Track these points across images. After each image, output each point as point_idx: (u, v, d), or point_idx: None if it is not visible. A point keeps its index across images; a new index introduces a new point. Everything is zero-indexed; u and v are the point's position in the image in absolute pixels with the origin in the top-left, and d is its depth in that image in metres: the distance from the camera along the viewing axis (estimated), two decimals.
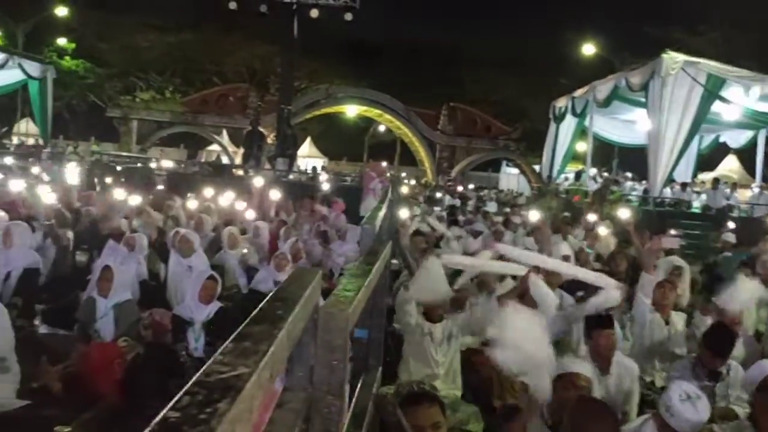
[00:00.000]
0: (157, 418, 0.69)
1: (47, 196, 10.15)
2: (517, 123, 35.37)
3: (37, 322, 6.69)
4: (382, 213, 6.78)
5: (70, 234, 8.37)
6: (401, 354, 4.88)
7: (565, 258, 7.49)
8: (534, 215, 11.03)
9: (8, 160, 17.56)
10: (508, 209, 17.17)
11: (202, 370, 0.82)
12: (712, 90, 15.29)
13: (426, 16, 52.92)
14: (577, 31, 30.82)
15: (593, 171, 22.04)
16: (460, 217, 14.19)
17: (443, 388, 4.50)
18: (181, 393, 0.74)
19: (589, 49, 28.34)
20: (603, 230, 10.47)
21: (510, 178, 38.22)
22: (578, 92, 21.30)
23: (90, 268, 7.66)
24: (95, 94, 34.52)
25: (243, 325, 0.97)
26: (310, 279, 1.20)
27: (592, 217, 12.67)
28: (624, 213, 10.62)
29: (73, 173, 13.91)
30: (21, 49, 27.56)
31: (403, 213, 9.64)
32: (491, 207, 16.38)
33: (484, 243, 9.48)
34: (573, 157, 24.22)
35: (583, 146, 23.57)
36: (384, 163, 18.17)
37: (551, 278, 5.74)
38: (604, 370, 4.42)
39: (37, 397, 4.97)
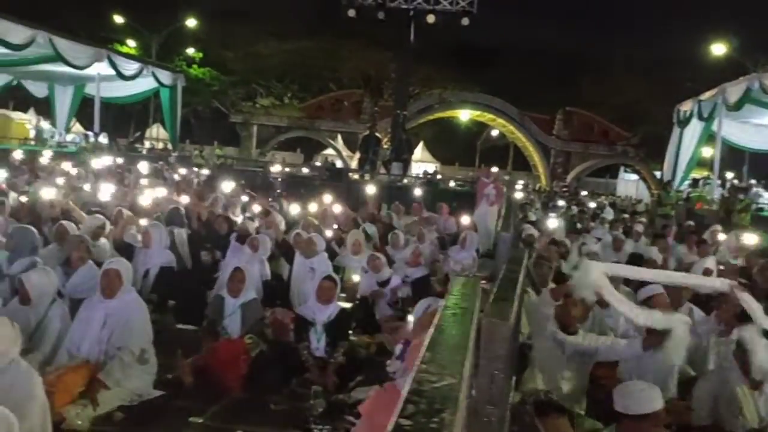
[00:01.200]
0: (390, 426, 0.72)
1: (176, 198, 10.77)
2: (637, 128, 34.08)
3: (169, 318, 7.11)
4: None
5: (185, 233, 8.77)
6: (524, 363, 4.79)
7: (708, 272, 7.14)
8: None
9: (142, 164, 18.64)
10: (626, 215, 16.60)
11: (413, 379, 0.84)
12: None
13: (541, 19, 51.89)
14: (705, 31, 29.38)
15: (730, 175, 20.85)
16: (578, 225, 13.87)
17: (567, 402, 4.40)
18: (403, 401, 0.77)
19: (718, 49, 26.82)
20: (750, 240, 10.00)
21: (628, 184, 36.88)
22: (705, 95, 20.25)
23: (216, 267, 8.05)
24: (219, 100, 36.18)
25: (431, 335, 0.99)
26: (474, 288, 1.22)
27: (718, 227, 12.06)
28: None
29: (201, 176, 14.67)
30: (154, 59, 29.26)
31: (553, 223, 9.58)
32: (608, 214, 15.84)
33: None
34: (698, 163, 23.03)
35: (708, 151, 22.38)
36: (495, 169, 17.97)
37: (678, 293, 5.49)
38: (756, 386, 4.21)
39: (170, 388, 5.28)
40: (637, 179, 35.49)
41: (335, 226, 9.92)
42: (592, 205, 15.01)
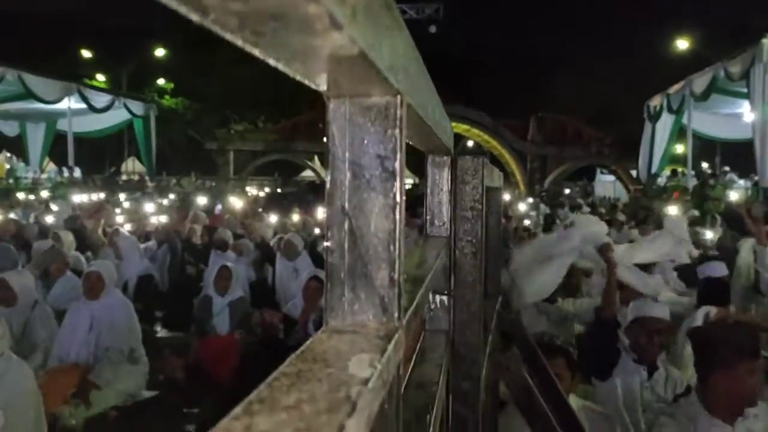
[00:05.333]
0: None
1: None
2: (609, 128, 34.40)
3: (157, 327, 7.11)
4: None
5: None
6: None
7: None
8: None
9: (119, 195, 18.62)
10: (603, 210, 16.79)
11: None
12: None
13: (509, 27, 52.51)
14: (668, 28, 29.89)
15: (704, 166, 21.10)
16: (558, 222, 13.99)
17: None
18: None
19: (682, 44, 27.22)
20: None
21: (606, 185, 37.11)
22: (673, 88, 20.59)
23: (200, 278, 8.07)
24: (194, 129, 36.09)
25: None
26: None
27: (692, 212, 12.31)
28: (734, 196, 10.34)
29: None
30: (125, 91, 29.24)
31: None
32: (585, 210, 16.01)
33: None
34: (671, 159, 23.27)
35: (681, 148, 22.68)
36: None
37: None
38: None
39: (163, 387, 5.28)
40: (614, 180, 35.77)
41: (317, 231, 9.93)
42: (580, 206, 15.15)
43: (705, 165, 21.88)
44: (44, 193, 17.10)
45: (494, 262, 2.33)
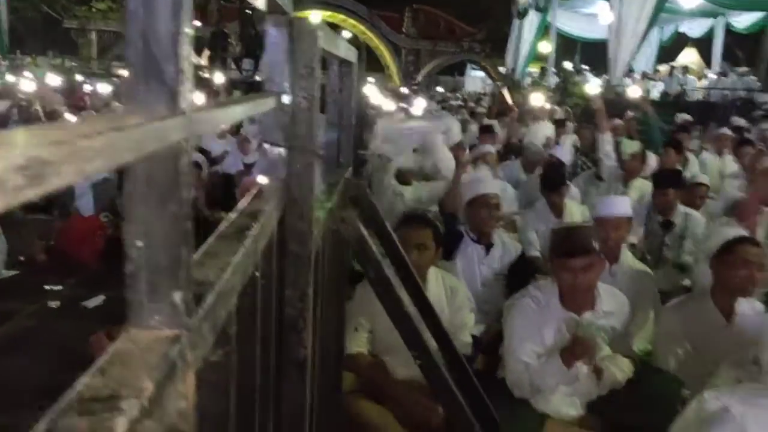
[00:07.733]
0: None
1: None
2: (481, 23, 34.80)
3: (17, 209, 6.85)
4: None
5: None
6: None
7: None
8: None
9: None
10: (472, 104, 17.33)
11: None
12: None
13: None
14: None
15: (568, 65, 22.05)
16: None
17: None
18: None
19: None
20: None
21: (475, 81, 37.93)
22: None
23: None
24: (49, 5, 33.17)
25: None
26: None
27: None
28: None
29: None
30: None
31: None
32: (455, 102, 16.52)
33: None
34: (535, 57, 24.03)
35: (546, 48, 23.41)
36: None
37: None
38: None
39: (24, 268, 5.20)
40: (484, 76, 36.58)
41: None
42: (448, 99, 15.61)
43: (568, 64, 22.78)
44: None
45: (347, 135, 2.50)
